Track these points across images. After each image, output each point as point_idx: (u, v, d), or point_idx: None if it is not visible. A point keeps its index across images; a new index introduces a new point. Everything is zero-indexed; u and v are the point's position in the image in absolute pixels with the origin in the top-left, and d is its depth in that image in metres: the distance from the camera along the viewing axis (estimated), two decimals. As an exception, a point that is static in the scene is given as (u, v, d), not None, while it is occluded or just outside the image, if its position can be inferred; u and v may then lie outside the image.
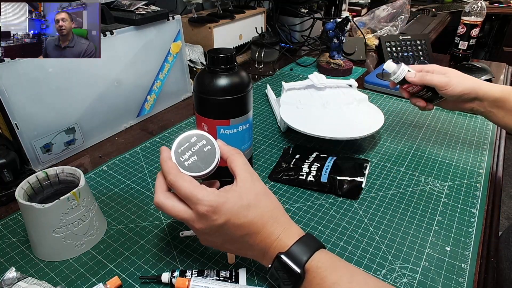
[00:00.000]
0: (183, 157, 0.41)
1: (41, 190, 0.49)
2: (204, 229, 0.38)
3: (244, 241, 0.39)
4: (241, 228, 0.38)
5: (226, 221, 0.37)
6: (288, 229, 0.39)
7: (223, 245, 0.41)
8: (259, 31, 1.19)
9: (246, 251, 0.41)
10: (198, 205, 0.37)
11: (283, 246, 0.38)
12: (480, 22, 1.08)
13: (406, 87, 0.65)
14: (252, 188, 0.39)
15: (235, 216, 0.38)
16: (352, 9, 1.71)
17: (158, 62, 0.81)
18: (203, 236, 0.40)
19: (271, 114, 0.85)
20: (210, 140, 0.43)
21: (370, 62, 1.21)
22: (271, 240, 0.38)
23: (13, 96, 0.58)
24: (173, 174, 0.39)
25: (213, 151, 0.42)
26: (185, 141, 0.42)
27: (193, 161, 0.41)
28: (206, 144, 0.43)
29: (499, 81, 1.04)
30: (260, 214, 0.39)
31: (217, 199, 0.37)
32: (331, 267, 0.37)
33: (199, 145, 0.42)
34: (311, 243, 0.38)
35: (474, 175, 0.63)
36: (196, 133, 0.43)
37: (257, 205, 0.39)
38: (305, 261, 0.36)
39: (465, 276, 0.45)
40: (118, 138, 0.76)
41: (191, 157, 0.42)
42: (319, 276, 0.36)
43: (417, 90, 0.64)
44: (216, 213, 0.37)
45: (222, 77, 0.51)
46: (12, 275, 0.41)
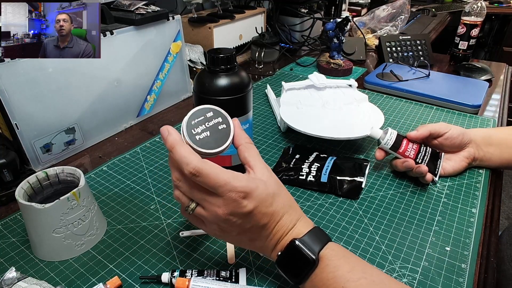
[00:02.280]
0: (195, 130, 0.38)
1: (41, 190, 0.49)
2: (227, 215, 0.36)
3: (263, 230, 0.38)
4: (265, 216, 0.38)
5: (254, 208, 0.36)
6: (303, 218, 0.40)
7: (237, 235, 0.39)
8: (259, 31, 1.19)
9: (257, 242, 0.40)
10: (231, 192, 0.35)
11: (298, 234, 0.38)
12: (480, 22, 1.08)
13: (402, 151, 0.59)
14: (272, 176, 0.39)
15: (263, 204, 0.37)
16: (352, 9, 1.71)
17: (158, 62, 0.81)
18: (220, 224, 0.38)
19: (271, 114, 0.85)
20: (227, 119, 0.40)
21: (370, 62, 1.21)
22: (288, 228, 0.39)
23: (13, 96, 0.58)
24: (198, 161, 0.35)
25: (227, 131, 0.39)
26: (200, 114, 0.39)
27: (205, 136, 0.38)
28: (222, 122, 0.39)
29: (499, 81, 1.03)
30: (282, 203, 0.39)
31: (250, 184, 0.36)
32: (345, 257, 0.38)
33: (215, 121, 0.39)
34: (323, 233, 0.39)
35: (474, 175, 0.63)
36: (214, 109, 0.40)
37: (280, 194, 0.39)
38: (319, 249, 0.37)
39: (465, 276, 0.45)
40: (118, 138, 0.76)
41: (203, 132, 0.38)
42: (333, 264, 0.37)
43: (415, 152, 0.59)
44: (247, 199, 0.36)
45: (222, 77, 0.51)
46: (12, 275, 0.41)
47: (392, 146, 0.60)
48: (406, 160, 0.58)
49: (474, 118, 0.82)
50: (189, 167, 0.35)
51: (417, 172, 0.57)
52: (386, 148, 0.61)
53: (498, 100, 0.93)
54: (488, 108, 0.88)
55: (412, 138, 0.61)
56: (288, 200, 0.40)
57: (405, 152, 0.59)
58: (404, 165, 0.58)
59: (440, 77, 0.99)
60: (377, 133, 0.61)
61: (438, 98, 0.87)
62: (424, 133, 0.60)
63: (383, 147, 0.61)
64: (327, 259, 0.37)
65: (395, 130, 0.61)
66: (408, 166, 0.58)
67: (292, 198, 0.41)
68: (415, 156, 0.59)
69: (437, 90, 0.90)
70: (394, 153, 0.61)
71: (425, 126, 0.62)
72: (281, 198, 0.39)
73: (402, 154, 0.60)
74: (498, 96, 0.95)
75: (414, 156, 0.59)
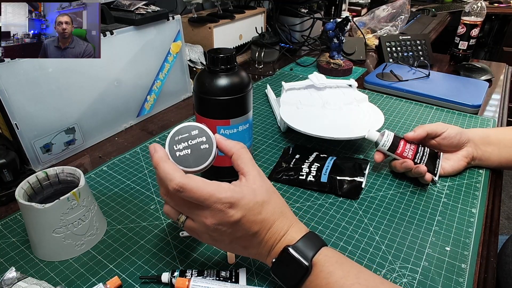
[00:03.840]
0: (177, 147, 0.39)
1: (41, 190, 0.49)
2: (215, 225, 0.37)
3: (254, 238, 0.39)
4: (255, 225, 0.38)
5: (241, 217, 0.37)
6: (296, 224, 0.40)
7: (230, 243, 0.40)
8: (259, 31, 1.19)
9: (251, 249, 0.40)
10: (216, 203, 0.36)
11: (291, 240, 0.38)
12: (480, 22, 1.08)
13: (400, 152, 0.60)
14: (263, 184, 0.39)
15: (251, 212, 0.37)
16: (352, 9, 1.71)
17: (158, 62, 0.81)
18: (210, 234, 0.39)
19: (271, 114, 0.85)
20: (211, 140, 0.41)
21: (370, 62, 1.21)
22: (279, 236, 0.39)
23: (13, 96, 0.58)
24: (180, 176, 0.36)
25: (208, 152, 0.40)
26: (185, 131, 0.40)
27: (185, 154, 0.40)
28: (205, 142, 0.40)
29: (499, 81, 1.04)
30: (272, 211, 0.39)
31: (234, 195, 0.37)
32: (338, 262, 0.37)
33: (198, 140, 0.40)
34: (317, 238, 0.39)
35: (474, 175, 0.63)
36: (199, 127, 0.41)
37: (269, 201, 0.39)
38: (312, 255, 0.37)
39: (465, 276, 0.45)
40: (118, 138, 0.76)
41: (185, 149, 0.40)
42: (326, 270, 0.36)
43: (413, 152, 0.59)
44: (233, 209, 0.36)
45: (222, 77, 0.51)
46: (12, 275, 0.41)
47: (389, 148, 0.60)
48: (404, 161, 0.58)
49: (474, 118, 0.82)
50: (172, 183, 0.36)
51: (416, 172, 0.57)
52: (384, 150, 0.61)
53: (498, 100, 0.93)
54: (488, 108, 0.88)
55: (410, 139, 0.61)
56: (280, 206, 0.40)
57: (403, 153, 0.59)
58: (403, 165, 0.58)
59: (440, 77, 0.99)
60: (374, 135, 0.61)
61: (438, 98, 0.87)
62: (421, 133, 0.60)
63: (381, 149, 0.61)
64: (321, 265, 0.37)
65: (392, 132, 0.61)
66: (407, 167, 0.58)
67: (284, 204, 0.41)
68: (413, 157, 0.59)
69: (437, 90, 0.90)
70: (392, 155, 0.61)
71: (422, 126, 0.62)
72: (271, 205, 0.39)
73: (400, 155, 0.60)
74: (498, 96, 0.95)
75: (412, 157, 0.59)
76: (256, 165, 0.41)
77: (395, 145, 0.60)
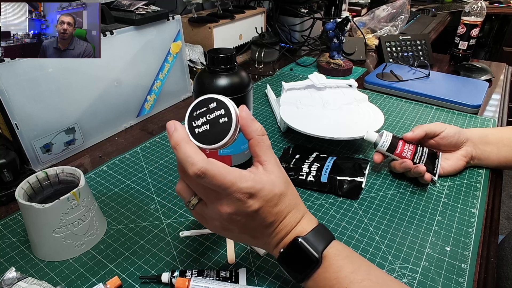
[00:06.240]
0: (196, 123, 0.36)
1: (41, 190, 0.49)
2: (231, 214, 0.36)
3: (267, 229, 0.38)
4: (270, 216, 0.37)
5: (259, 208, 0.36)
6: (307, 216, 0.40)
7: (239, 233, 0.39)
8: (259, 31, 1.19)
9: (260, 240, 0.39)
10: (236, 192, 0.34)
11: (302, 232, 0.38)
12: (480, 22, 1.08)
13: (399, 152, 0.59)
14: (280, 175, 0.38)
15: (268, 203, 0.36)
16: (352, 9, 1.71)
17: (158, 62, 0.81)
18: (222, 222, 0.37)
19: (271, 114, 0.85)
20: (230, 113, 0.36)
21: (370, 62, 1.21)
22: (291, 227, 0.38)
23: (13, 96, 0.58)
24: (202, 160, 0.33)
25: (227, 126, 0.36)
26: (203, 105, 0.36)
27: (204, 130, 0.36)
28: (224, 115, 0.36)
29: (499, 81, 1.04)
30: (288, 202, 0.38)
31: (256, 185, 0.35)
32: (349, 257, 0.37)
33: (216, 114, 0.36)
34: (327, 231, 0.39)
35: (474, 175, 0.63)
36: (217, 99, 0.36)
37: (286, 193, 0.38)
38: (323, 248, 0.37)
39: (465, 276, 0.45)
40: (118, 138, 0.76)
41: (203, 125, 0.36)
42: (336, 264, 0.36)
43: (412, 152, 0.59)
44: (252, 199, 0.35)
45: (222, 77, 0.51)
46: (12, 275, 0.41)
47: (388, 148, 0.60)
48: (404, 161, 0.58)
49: (474, 118, 0.82)
50: (194, 168, 0.33)
51: (415, 172, 0.57)
52: (383, 151, 0.61)
53: (498, 100, 0.93)
54: (488, 108, 0.88)
55: (408, 139, 0.61)
56: (294, 198, 0.39)
57: (402, 153, 0.60)
58: (402, 166, 0.58)
59: (440, 77, 0.99)
60: (372, 136, 0.62)
61: (438, 98, 0.87)
62: (419, 133, 0.61)
63: (380, 149, 0.61)
64: (331, 259, 0.37)
65: (390, 132, 0.61)
66: (406, 167, 0.58)
67: (297, 195, 0.40)
68: (412, 157, 0.59)
69: (437, 90, 0.90)
70: (391, 155, 0.61)
71: (421, 126, 0.62)
72: (287, 197, 0.38)
73: (399, 155, 0.60)
74: (498, 96, 0.95)
75: (411, 157, 0.59)
76: (274, 153, 0.39)
77: (394, 146, 0.60)
